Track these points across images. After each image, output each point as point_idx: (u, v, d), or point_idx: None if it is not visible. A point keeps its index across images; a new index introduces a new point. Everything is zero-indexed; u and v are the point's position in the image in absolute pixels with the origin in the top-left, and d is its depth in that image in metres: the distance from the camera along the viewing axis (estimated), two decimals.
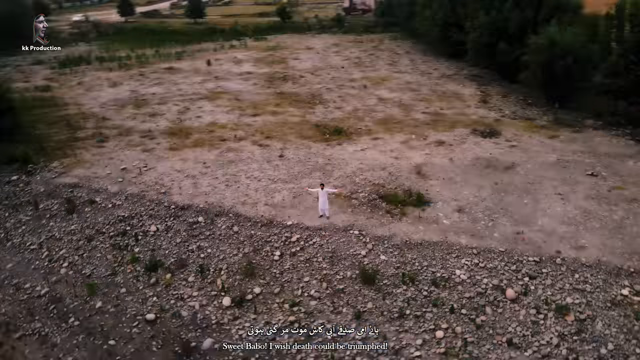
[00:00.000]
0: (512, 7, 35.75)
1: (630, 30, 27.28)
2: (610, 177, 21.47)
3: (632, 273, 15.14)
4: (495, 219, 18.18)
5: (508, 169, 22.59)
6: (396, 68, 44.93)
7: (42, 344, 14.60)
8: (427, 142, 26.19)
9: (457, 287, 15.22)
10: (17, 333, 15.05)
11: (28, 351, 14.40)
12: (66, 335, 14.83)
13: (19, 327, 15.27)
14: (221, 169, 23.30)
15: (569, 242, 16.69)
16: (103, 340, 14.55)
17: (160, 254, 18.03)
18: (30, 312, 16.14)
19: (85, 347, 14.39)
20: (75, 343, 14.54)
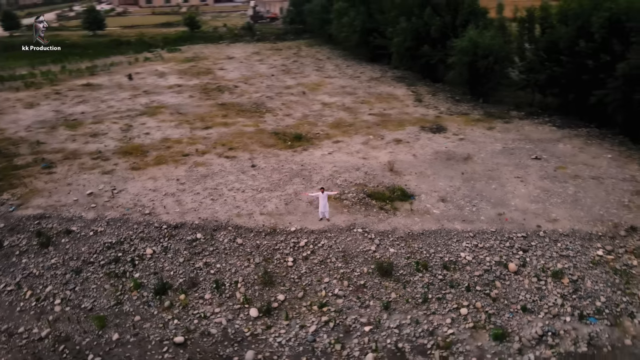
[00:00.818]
0: (431, 14, 38.94)
1: (542, 32, 31.44)
2: (550, 159, 24.77)
3: (600, 236, 17.94)
4: (477, 204, 20.24)
5: (467, 159, 25.00)
6: (325, 73, 46.51)
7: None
8: (386, 142, 27.89)
9: (465, 268, 16.86)
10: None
11: None
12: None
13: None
14: (198, 184, 22.89)
15: (543, 217, 19.21)
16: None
17: (164, 276, 17.46)
18: (37, 356, 14.90)
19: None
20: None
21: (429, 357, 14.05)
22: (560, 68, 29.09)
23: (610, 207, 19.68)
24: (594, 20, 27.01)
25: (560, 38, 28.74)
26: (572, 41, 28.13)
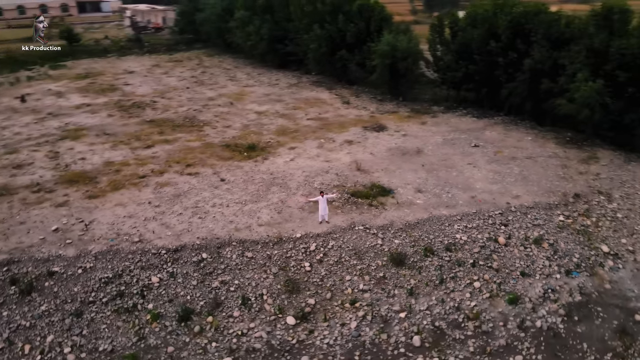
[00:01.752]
0: (345, 21, 41.28)
1: (452, 36, 35.37)
2: (486, 145, 28.28)
3: (557, 205, 21.33)
4: (449, 191, 22.58)
5: (418, 152, 27.44)
6: (241, 82, 46.44)
7: None
8: (339, 144, 29.27)
9: (464, 247, 18.93)
10: None
11: None
12: None
13: None
14: (174, 204, 22.03)
15: (507, 195, 22.17)
16: None
17: (181, 301, 16.84)
18: None
19: None
20: None
21: (464, 329, 15.70)
22: (474, 66, 33.11)
23: (553, 180, 23.37)
24: (499, 23, 31.29)
25: (473, 39, 32.72)
26: (483, 42, 32.20)
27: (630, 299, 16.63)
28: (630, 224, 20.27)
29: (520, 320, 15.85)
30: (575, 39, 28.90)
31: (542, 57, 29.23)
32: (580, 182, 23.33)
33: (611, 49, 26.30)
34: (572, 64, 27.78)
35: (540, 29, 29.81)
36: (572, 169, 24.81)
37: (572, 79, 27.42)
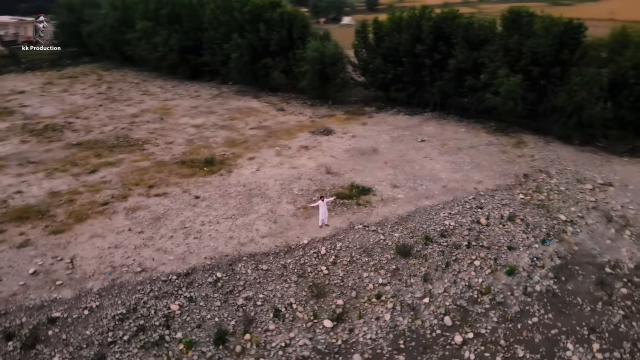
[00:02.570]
0: (267, 29, 41.71)
1: (377, 41, 37.73)
2: (430, 139, 30.91)
3: (514, 185, 24.36)
4: (421, 183, 24.49)
5: (375, 151, 29.10)
6: (158, 96, 44.39)
7: None
8: (296, 150, 29.79)
9: (455, 232, 20.86)
10: None
11: None
12: None
13: None
14: (159, 228, 20.92)
15: (471, 181, 24.72)
16: None
17: (210, 325, 16.35)
18: None
19: None
20: None
21: (482, 303, 17.48)
22: (402, 68, 35.81)
23: (501, 164, 26.55)
24: (423, 29, 34.32)
25: (400, 43, 35.36)
26: (410, 45, 34.99)
27: (596, 255, 19.81)
28: (572, 194, 23.93)
29: (523, 288, 18.05)
30: (489, 40, 32.82)
31: (464, 57, 32.71)
32: (522, 164, 26.79)
33: (524, 47, 30.43)
34: (492, 62, 31.52)
35: (459, 32, 33.29)
36: (511, 153, 28.32)
37: (494, 75, 31.15)
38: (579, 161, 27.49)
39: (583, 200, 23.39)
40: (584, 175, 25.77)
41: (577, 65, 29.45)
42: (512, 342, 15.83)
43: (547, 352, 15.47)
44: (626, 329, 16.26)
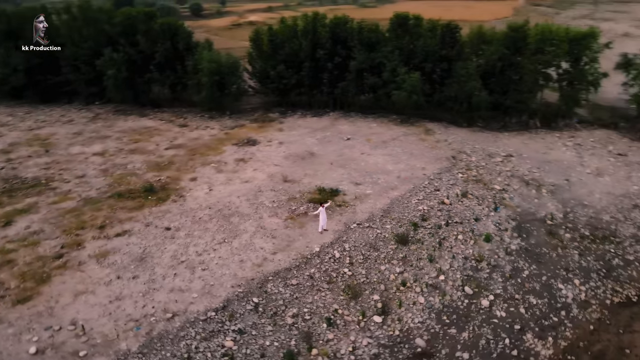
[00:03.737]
0: (148, 41, 39.07)
1: (274, 48, 38.41)
2: (353, 137, 33.14)
3: (450, 167, 27.98)
4: (378, 177, 26.51)
5: (313, 155, 30.20)
6: (17, 126, 37.93)
7: None
8: (234, 164, 29.12)
9: (431, 214, 23.40)
10: None
11: None
12: None
13: None
14: (153, 267, 19.08)
15: (416, 169, 27.63)
16: None
17: (273, 351, 16.03)
18: None
19: None
20: None
21: (483, 269, 20.28)
22: (304, 73, 37.33)
23: (429, 151, 30.13)
24: (321, 34, 36.33)
25: (301, 49, 36.76)
26: (310, 51, 36.66)
27: (534, 213, 24.36)
28: (491, 167, 28.59)
29: (504, 249, 21.43)
30: (381, 41, 36.40)
31: (364, 59, 35.71)
32: (444, 148, 30.80)
33: (416, 47, 34.67)
34: (390, 61, 35.10)
35: (354, 35, 36.17)
36: (429, 140, 32.21)
37: (394, 73, 34.79)
38: (478, 140, 32.66)
39: (501, 170, 28.15)
40: (489, 151, 30.84)
41: (457, 60, 34.63)
42: (522, 294, 18.87)
43: (549, 295, 18.90)
44: (587, 263, 20.69)
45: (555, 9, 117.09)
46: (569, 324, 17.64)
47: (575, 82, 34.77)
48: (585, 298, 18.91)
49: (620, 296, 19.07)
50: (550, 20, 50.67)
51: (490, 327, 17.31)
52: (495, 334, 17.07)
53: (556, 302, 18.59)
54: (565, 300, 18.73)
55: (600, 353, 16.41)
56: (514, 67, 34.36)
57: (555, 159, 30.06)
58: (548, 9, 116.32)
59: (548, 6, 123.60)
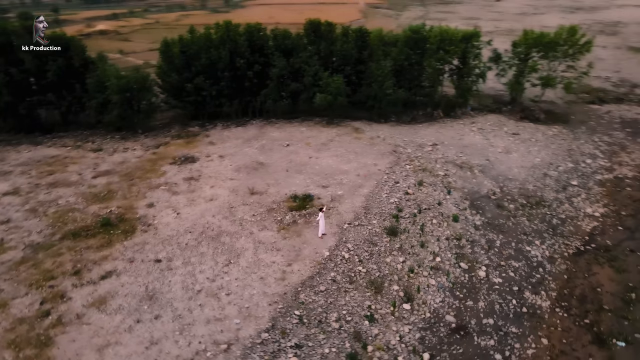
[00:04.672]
0: (34, 59, 34.69)
1: (187, 60, 36.82)
2: (291, 143, 33.80)
3: (397, 160, 30.42)
4: (340, 178, 27.66)
5: (263, 164, 30.17)
6: None
7: None
8: (184, 185, 27.71)
9: (403, 205, 25.32)
10: None
11: None
12: None
13: None
14: (170, 303, 17.85)
15: (369, 166, 29.43)
16: None
17: (334, 356, 16.48)
18: None
19: None
20: None
21: (464, 245, 22.92)
22: (224, 83, 36.73)
23: (370, 148, 32.20)
24: (239, 43, 36.12)
25: (220, 59, 36.04)
26: (229, 60, 36.18)
27: (478, 191, 27.91)
28: (427, 156, 31.76)
29: (472, 226, 24.41)
30: (296, 47, 37.53)
31: (284, 65, 36.48)
32: (382, 144, 33.16)
33: (334, 51, 36.54)
34: (311, 66, 36.43)
35: (271, 42, 36.71)
36: (363, 138, 34.30)
37: (315, 78, 36.25)
38: (403, 133, 35.83)
39: (436, 158, 31.49)
40: (417, 142, 34.12)
41: (370, 62, 37.43)
42: (505, 260, 21.91)
43: (524, 257, 22.24)
44: (536, 226, 24.66)
45: (394, 10, 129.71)
46: (549, 277, 21.03)
47: (466, 76, 39.96)
48: (549, 254, 22.61)
49: (571, 248, 23.19)
50: (393, 21, 55.94)
51: (496, 293, 19.83)
52: (502, 298, 19.64)
53: (532, 262, 21.94)
54: (537, 259, 22.20)
55: (582, 295, 19.99)
56: (418, 66, 38.24)
57: (470, 143, 34.45)
58: (389, 11, 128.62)
59: (386, 8, 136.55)
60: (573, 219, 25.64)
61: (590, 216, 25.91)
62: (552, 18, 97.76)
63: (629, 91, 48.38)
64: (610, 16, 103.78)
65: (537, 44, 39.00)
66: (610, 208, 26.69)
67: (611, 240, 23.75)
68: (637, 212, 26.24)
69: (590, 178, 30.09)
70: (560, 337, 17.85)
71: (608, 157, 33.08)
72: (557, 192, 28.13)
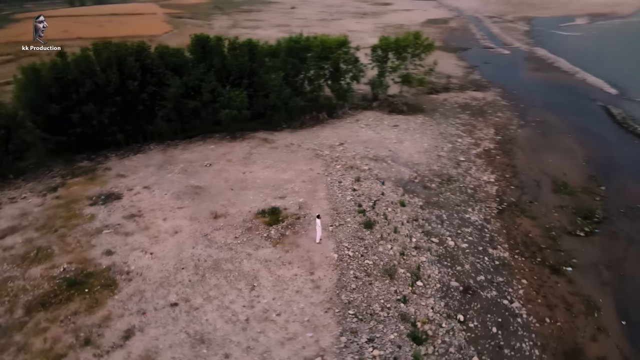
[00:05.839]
0: None
1: (63, 90, 32.41)
2: (213, 162, 33.19)
3: (327, 163, 32.62)
4: (291, 186, 28.67)
5: (201, 187, 29.23)
6: None
7: None
8: (132, 223, 25.47)
9: (359, 200, 27.79)
10: None
11: None
12: None
13: None
14: (225, 339, 17.32)
15: (307, 171, 31.03)
16: None
17: (397, 336, 18.40)
18: None
19: None
20: None
21: (423, 225, 26.67)
22: (115, 108, 33.71)
23: (296, 154, 33.65)
24: (129, 64, 33.58)
25: (110, 83, 32.87)
26: (120, 83, 33.34)
27: (401, 178, 31.92)
28: (341, 155, 34.77)
29: (419, 206, 28.30)
30: (184, 65, 36.57)
31: (179, 84, 35.28)
32: (302, 150, 34.68)
33: (231, 65, 36.72)
34: (208, 82, 35.96)
35: (159, 62, 35.07)
36: (280, 147, 35.35)
37: (214, 94, 36.03)
38: (308, 137, 38.01)
39: (352, 155, 34.70)
40: (325, 143, 36.79)
41: (263, 74, 38.72)
42: (459, 229, 26.33)
43: (469, 223, 27.00)
44: (459, 197, 29.87)
45: (201, 20, 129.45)
46: (494, 234, 26.11)
47: (342, 79, 44.17)
48: (484, 217, 27.85)
49: (493, 209, 28.89)
50: (207, 31, 56.37)
51: (472, 255, 23.97)
52: (477, 257, 23.85)
53: (476, 226, 26.80)
54: (478, 222, 27.18)
55: (523, 242, 25.50)
56: (300, 74, 40.93)
57: (367, 138, 38.61)
58: (197, 21, 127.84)
59: (190, 18, 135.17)
60: (480, 186, 31.61)
61: (489, 182, 32.27)
62: (350, 23, 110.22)
63: (448, 82, 59.01)
64: (393, 19, 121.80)
65: (392, 47, 45.26)
66: (497, 174, 33.58)
67: (513, 197, 30.24)
68: (515, 174, 33.65)
69: (469, 153, 36.97)
70: (531, 276, 22.75)
71: (469, 135, 40.82)
72: (456, 168, 34.01)
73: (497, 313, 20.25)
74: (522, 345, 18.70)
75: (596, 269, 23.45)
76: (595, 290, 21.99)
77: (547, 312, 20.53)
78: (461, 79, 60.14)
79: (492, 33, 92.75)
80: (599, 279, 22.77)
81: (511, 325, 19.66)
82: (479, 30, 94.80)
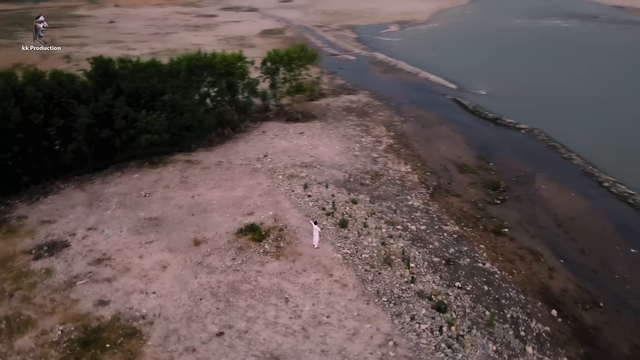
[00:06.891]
0: None
1: None
2: (150, 191, 31.37)
3: (266, 177, 33.46)
4: (254, 202, 29.05)
5: (158, 219, 27.72)
6: None
7: None
8: (106, 267, 23.41)
9: (318, 205, 29.68)
10: None
11: None
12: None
13: None
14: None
15: (262, 186, 31.56)
16: None
17: (428, 310, 21.16)
18: None
19: None
20: None
21: (381, 218, 29.82)
22: (18, 147, 29.61)
23: (232, 172, 33.72)
24: (32, 96, 29.76)
25: (9, 119, 28.65)
26: (23, 116, 29.32)
27: (339, 179, 34.76)
28: (279, 168, 36.05)
29: (367, 201, 31.31)
30: (88, 91, 33.72)
31: (88, 112, 32.44)
32: (236, 168, 34.68)
33: (141, 89, 34.82)
34: (121, 108, 33.67)
35: (61, 91, 31.82)
36: (213, 167, 34.82)
37: (127, 120, 33.97)
38: (229, 154, 37.82)
39: (284, 165, 36.07)
40: (251, 157, 37.27)
41: (168, 93, 37.56)
42: (411, 214, 30.10)
43: (416, 209, 31.04)
44: (395, 189, 33.82)
45: (3, 38, 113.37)
46: (438, 214, 30.51)
47: (239, 94, 44.91)
48: (422, 201, 32.16)
49: (425, 194, 33.44)
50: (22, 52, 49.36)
51: (434, 234, 27.87)
52: (437, 234, 27.85)
53: (422, 209, 30.93)
54: (421, 207, 31.35)
55: (461, 216, 30.36)
56: (205, 90, 40.74)
57: (285, 147, 40.18)
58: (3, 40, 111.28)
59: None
60: (403, 177, 36.03)
61: (408, 172, 36.94)
62: (188, 36, 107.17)
63: (320, 88, 63.48)
64: (230, 31, 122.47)
65: (284, 60, 47.60)
66: (410, 164, 38.51)
67: (434, 182, 35.32)
68: (424, 162, 39.02)
69: (377, 150, 41.36)
70: (484, 241, 27.58)
71: (368, 134, 45.42)
72: (375, 164, 37.97)
73: (479, 274, 24.30)
74: (510, 294, 23.00)
75: (522, 226, 29.38)
76: (531, 242, 27.71)
77: (511, 266, 25.34)
78: (329, 84, 64.83)
79: (329, 41, 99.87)
80: (529, 233, 28.66)
81: (494, 282, 23.88)
82: (317, 39, 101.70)
